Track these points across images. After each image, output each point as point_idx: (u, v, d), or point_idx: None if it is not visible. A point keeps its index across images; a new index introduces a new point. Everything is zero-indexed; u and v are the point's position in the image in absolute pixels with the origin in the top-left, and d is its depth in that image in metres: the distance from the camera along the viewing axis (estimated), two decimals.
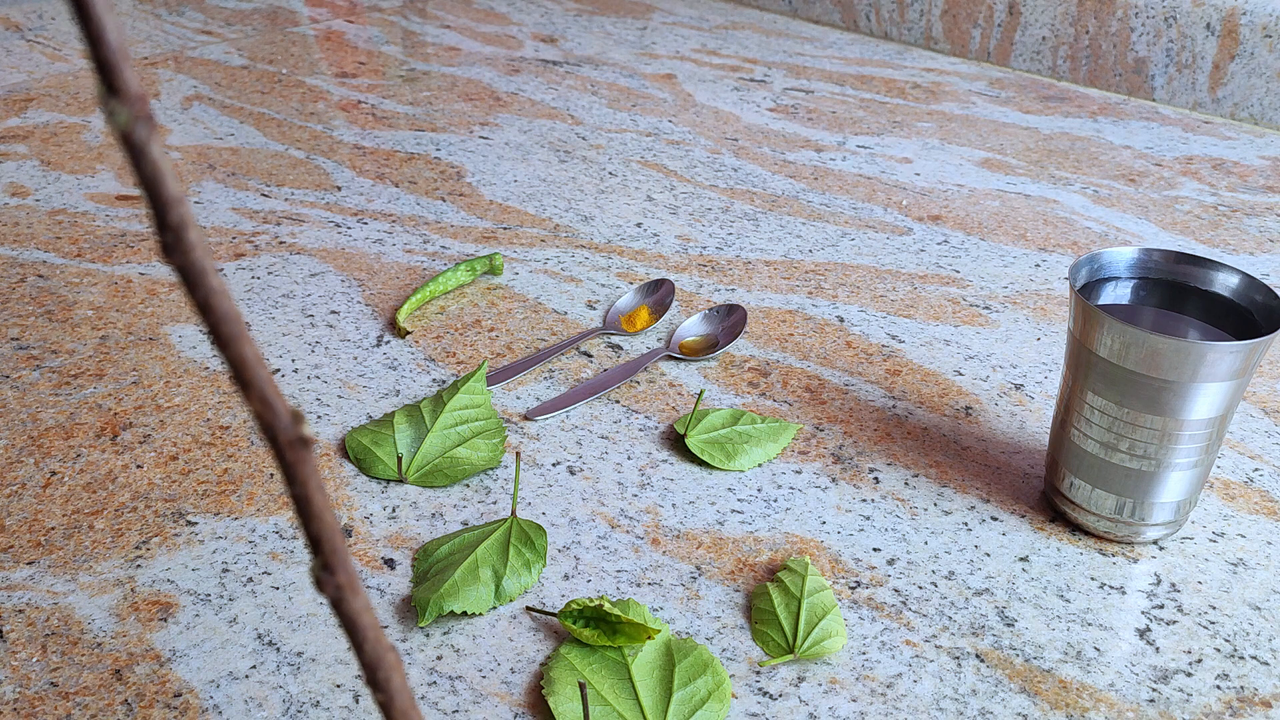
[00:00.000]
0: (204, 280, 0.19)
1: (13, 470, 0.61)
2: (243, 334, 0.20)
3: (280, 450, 0.21)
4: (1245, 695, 0.49)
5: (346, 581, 0.22)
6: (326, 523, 0.22)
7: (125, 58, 0.17)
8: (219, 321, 0.19)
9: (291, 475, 0.21)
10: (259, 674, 0.49)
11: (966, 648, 0.51)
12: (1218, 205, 0.99)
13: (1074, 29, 1.28)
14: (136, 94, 0.17)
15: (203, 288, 0.19)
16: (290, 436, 0.21)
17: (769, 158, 1.06)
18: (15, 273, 0.80)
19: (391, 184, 0.97)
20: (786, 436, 0.64)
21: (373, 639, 0.23)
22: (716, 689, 0.48)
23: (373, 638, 0.23)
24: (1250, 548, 0.58)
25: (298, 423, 0.21)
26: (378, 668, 0.24)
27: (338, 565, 0.22)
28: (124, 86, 0.17)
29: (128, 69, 0.17)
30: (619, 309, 0.77)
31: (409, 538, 0.57)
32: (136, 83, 0.17)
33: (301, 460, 0.21)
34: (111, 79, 0.17)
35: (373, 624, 0.23)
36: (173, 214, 0.18)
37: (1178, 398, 0.52)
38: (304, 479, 0.21)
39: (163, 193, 0.18)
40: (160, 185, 0.18)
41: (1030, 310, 0.81)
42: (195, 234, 0.19)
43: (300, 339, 0.74)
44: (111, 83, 0.17)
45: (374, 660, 0.23)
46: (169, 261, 0.19)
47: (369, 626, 0.23)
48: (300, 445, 0.21)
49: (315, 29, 1.40)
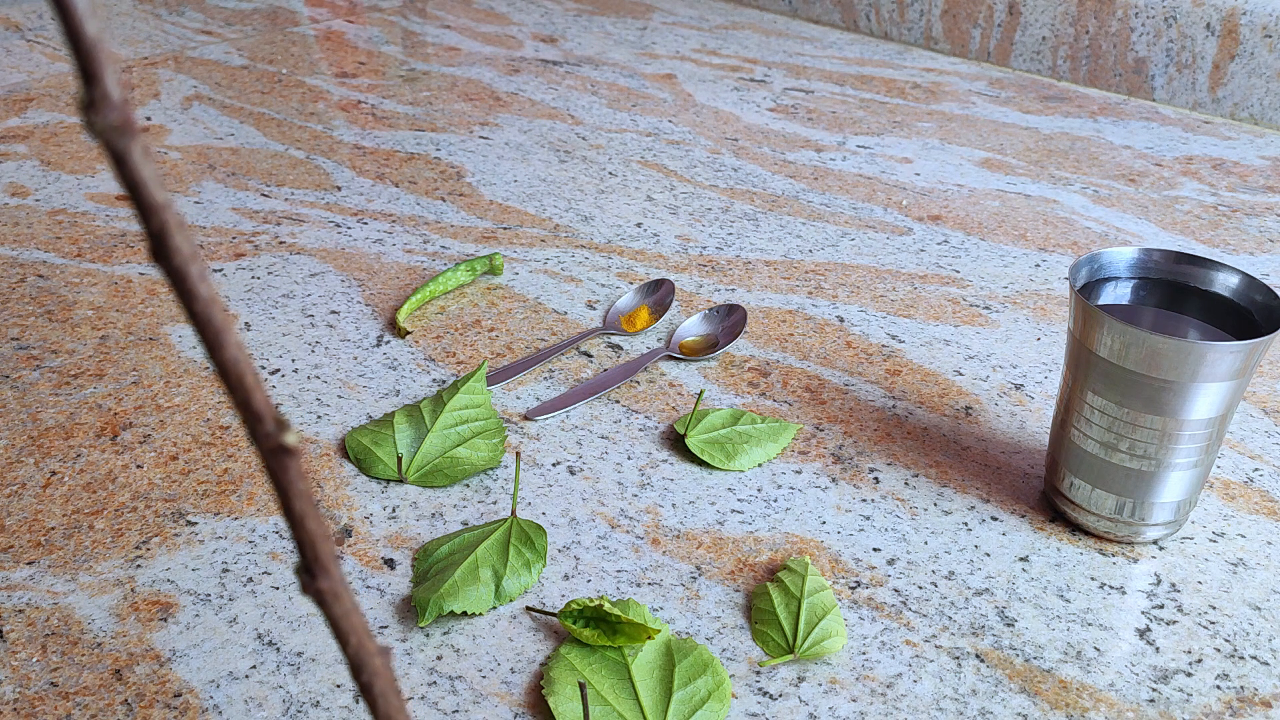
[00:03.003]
0: (186, 285, 0.19)
1: (13, 470, 0.61)
2: (227, 338, 0.20)
3: (264, 456, 0.21)
4: (1245, 695, 0.49)
5: (328, 586, 0.22)
6: (309, 528, 0.22)
7: (106, 64, 0.17)
8: (203, 326, 0.20)
9: (275, 481, 0.21)
10: (259, 674, 0.49)
11: (966, 648, 0.51)
12: (1218, 205, 0.99)
13: (1074, 29, 1.28)
14: (117, 101, 0.17)
15: (185, 292, 0.19)
16: (273, 443, 0.21)
17: (769, 158, 1.06)
18: (15, 273, 0.80)
19: (391, 184, 0.97)
20: (786, 436, 0.64)
21: (355, 642, 0.23)
22: (716, 689, 0.48)
23: (355, 641, 0.23)
24: (1250, 548, 0.58)
25: (281, 429, 0.21)
26: (362, 670, 0.24)
27: (320, 569, 0.22)
28: (104, 94, 0.17)
29: (108, 76, 0.17)
30: (619, 309, 0.77)
31: (409, 538, 0.57)
32: (117, 90, 0.17)
33: (284, 467, 0.21)
34: (91, 86, 0.17)
35: (359, 626, 0.23)
36: (154, 220, 0.18)
37: (1178, 398, 0.52)
38: (287, 485, 0.21)
39: (145, 199, 0.18)
40: (142, 192, 0.18)
41: (1030, 310, 0.81)
42: (180, 239, 0.19)
43: (300, 339, 0.74)
44: (91, 90, 0.17)
45: (358, 662, 0.23)
46: (156, 266, 0.19)
47: (353, 630, 0.23)
48: (283, 453, 0.21)
49: (315, 29, 1.40)
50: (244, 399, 0.20)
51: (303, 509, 0.21)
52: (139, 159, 0.18)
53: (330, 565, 0.22)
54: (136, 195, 0.18)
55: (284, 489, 0.21)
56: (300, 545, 0.22)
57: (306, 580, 0.22)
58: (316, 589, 0.22)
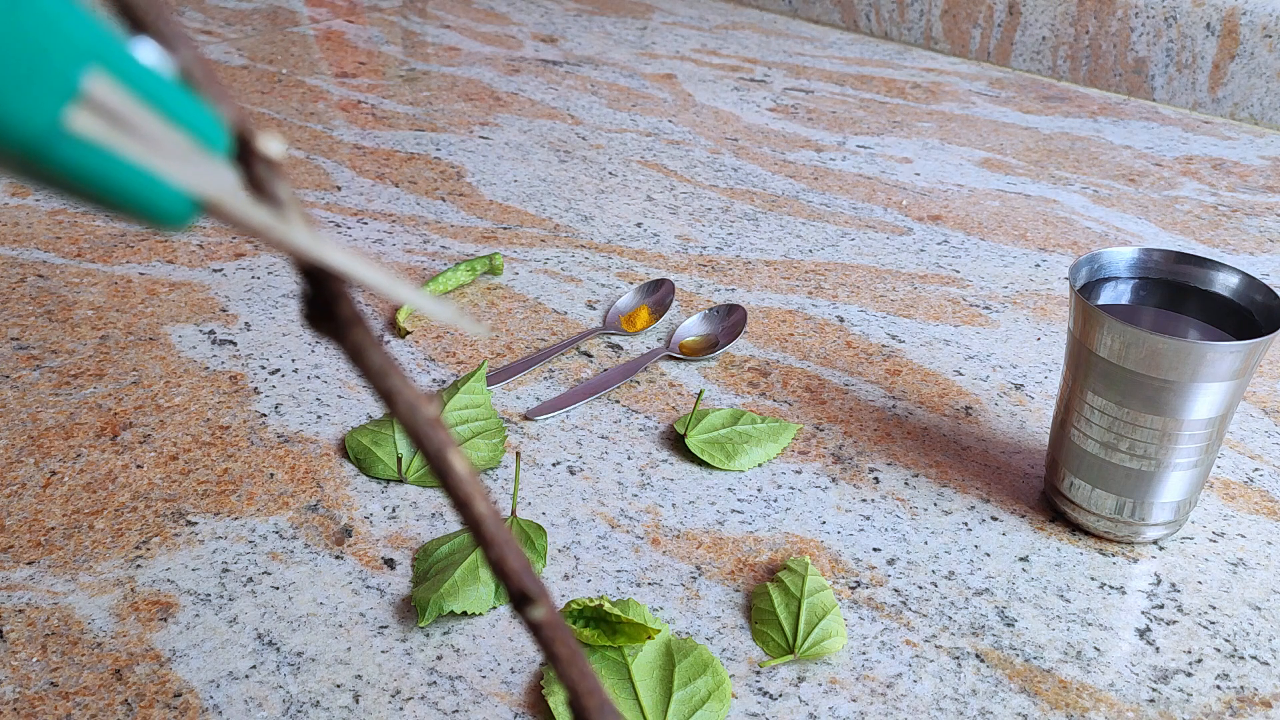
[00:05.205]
0: (470, 510, 0.22)
1: (13, 470, 0.61)
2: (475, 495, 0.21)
3: (523, 620, 0.23)
4: (1245, 695, 0.49)
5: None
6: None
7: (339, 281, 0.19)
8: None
9: (541, 645, 0.23)
10: (259, 674, 0.49)
11: (966, 648, 0.51)
12: (1218, 205, 0.99)
13: (1074, 29, 1.28)
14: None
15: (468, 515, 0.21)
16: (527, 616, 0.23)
17: (769, 158, 1.06)
18: (15, 273, 0.80)
19: (391, 184, 0.97)
20: (786, 436, 0.64)
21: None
22: (716, 689, 0.48)
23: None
24: (1250, 548, 0.58)
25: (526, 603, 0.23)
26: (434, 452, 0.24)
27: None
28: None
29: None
30: (619, 309, 0.77)
31: (409, 538, 0.57)
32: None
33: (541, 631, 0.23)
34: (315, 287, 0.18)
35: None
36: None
37: (1178, 398, 0.52)
38: (548, 647, 0.23)
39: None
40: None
41: (1030, 310, 0.81)
42: (458, 460, 0.21)
43: (300, 339, 0.74)
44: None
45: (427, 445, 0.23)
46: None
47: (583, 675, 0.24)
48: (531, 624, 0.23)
49: (315, 29, 1.40)
50: (499, 561, 0.22)
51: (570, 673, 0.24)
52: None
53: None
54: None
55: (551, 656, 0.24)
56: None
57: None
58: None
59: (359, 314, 0.21)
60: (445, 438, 0.22)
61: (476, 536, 0.22)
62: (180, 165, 0.17)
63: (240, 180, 0.19)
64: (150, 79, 0.17)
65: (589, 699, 0.24)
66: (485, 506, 0.22)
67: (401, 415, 0.21)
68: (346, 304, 0.20)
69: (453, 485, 0.22)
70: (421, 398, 0.21)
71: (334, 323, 0.20)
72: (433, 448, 0.21)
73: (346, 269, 0.19)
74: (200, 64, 0.18)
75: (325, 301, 0.20)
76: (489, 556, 0.22)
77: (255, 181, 0.19)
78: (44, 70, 0.16)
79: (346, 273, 0.19)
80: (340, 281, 0.20)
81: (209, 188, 0.18)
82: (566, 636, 0.23)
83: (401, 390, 0.21)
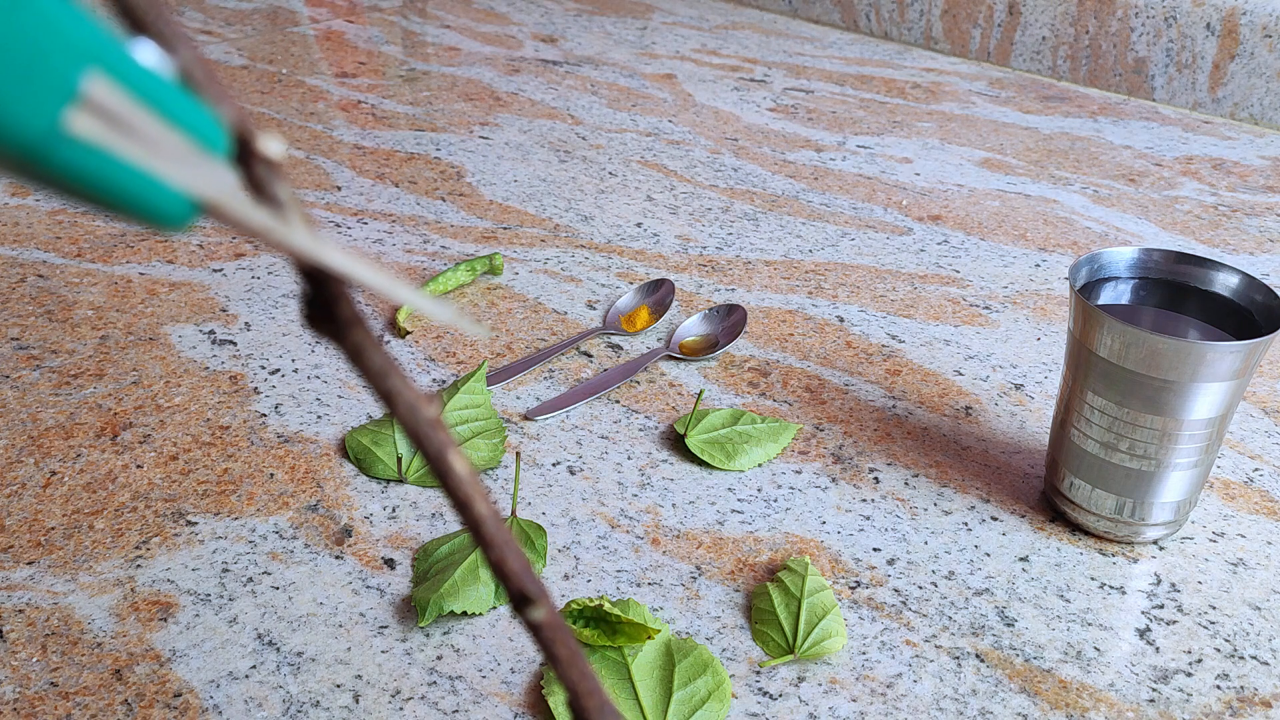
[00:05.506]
0: (470, 510, 0.22)
1: (13, 470, 0.61)
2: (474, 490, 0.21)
3: (523, 622, 0.24)
4: (1245, 695, 0.49)
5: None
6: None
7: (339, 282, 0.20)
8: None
9: (541, 646, 0.24)
10: (259, 674, 0.49)
11: (966, 648, 0.51)
12: (1218, 205, 0.99)
13: (1074, 29, 1.28)
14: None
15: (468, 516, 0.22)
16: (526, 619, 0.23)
17: (769, 158, 1.06)
18: (15, 273, 0.81)
19: (391, 184, 0.97)
20: (786, 436, 0.64)
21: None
22: (716, 689, 0.48)
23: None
24: (1250, 548, 0.58)
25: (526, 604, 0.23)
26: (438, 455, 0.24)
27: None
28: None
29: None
30: (619, 309, 0.77)
31: (409, 538, 0.57)
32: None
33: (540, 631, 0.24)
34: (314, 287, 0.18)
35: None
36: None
37: (1178, 398, 0.52)
38: (548, 648, 0.24)
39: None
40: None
41: (1030, 310, 0.81)
42: (458, 461, 0.21)
43: (300, 339, 0.74)
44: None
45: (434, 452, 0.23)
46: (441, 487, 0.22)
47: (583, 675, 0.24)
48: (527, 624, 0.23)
49: (315, 29, 1.40)
50: (499, 561, 0.22)
51: (571, 673, 0.24)
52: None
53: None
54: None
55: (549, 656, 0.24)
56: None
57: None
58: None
59: (359, 314, 0.21)
60: (445, 438, 0.22)
61: (477, 537, 0.22)
62: (180, 166, 0.17)
63: (240, 181, 0.19)
64: (150, 80, 0.17)
65: (589, 699, 0.24)
66: (485, 507, 0.22)
67: (402, 416, 0.21)
68: (346, 304, 0.20)
69: (453, 486, 0.22)
70: (422, 398, 0.21)
71: (334, 323, 0.20)
72: (433, 448, 0.21)
73: (346, 269, 0.19)
74: (200, 64, 0.18)
75: (325, 302, 0.20)
76: (489, 557, 0.22)
77: (255, 182, 0.19)
78: (43, 72, 0.16)
79: (346, 273, 0.19)
80: (340, 282, 0.20)
81: (209, 189, 0.18)
82: (566, 637, 0.23)
83: (402, 391, 0.21)
